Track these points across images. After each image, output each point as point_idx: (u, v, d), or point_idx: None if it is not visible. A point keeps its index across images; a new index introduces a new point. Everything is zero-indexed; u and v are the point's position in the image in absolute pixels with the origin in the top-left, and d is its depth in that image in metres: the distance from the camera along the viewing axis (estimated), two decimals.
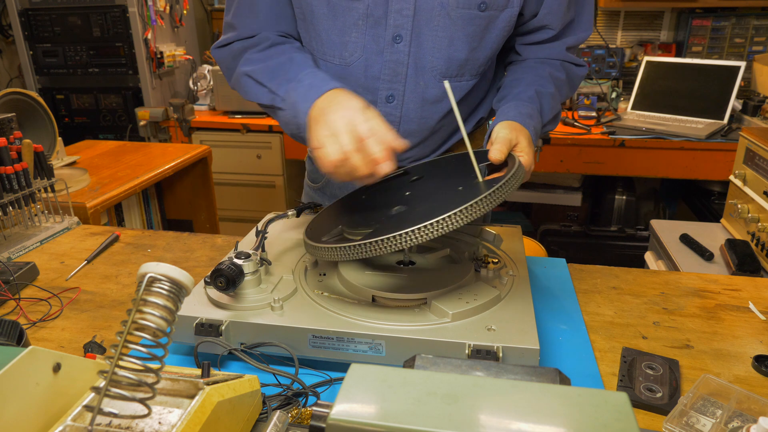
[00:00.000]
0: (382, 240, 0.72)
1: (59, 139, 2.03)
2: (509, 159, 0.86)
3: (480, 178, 0.82)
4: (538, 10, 1.05)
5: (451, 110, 1.12)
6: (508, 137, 0.88)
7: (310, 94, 0.91)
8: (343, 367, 0.74)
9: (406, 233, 0.71)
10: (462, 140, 1.23)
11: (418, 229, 0.71)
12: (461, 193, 0.79)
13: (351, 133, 0.81)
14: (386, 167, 0.80)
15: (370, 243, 0.73)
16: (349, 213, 0.94)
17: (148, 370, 0.52)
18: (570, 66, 1.13)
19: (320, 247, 0.81)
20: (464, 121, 1.19)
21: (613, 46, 2.99)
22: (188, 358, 0.84)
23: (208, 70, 3.07)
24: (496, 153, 0.86)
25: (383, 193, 0.98)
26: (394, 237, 0.72)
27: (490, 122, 1.05)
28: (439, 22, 1.00)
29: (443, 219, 0.71)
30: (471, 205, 0.72)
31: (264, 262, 0.88)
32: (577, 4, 1.07)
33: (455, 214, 0.71)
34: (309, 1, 1.01)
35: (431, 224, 0.71)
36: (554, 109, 1.07)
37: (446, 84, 0.85)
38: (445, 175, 0.91)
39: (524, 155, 0.89)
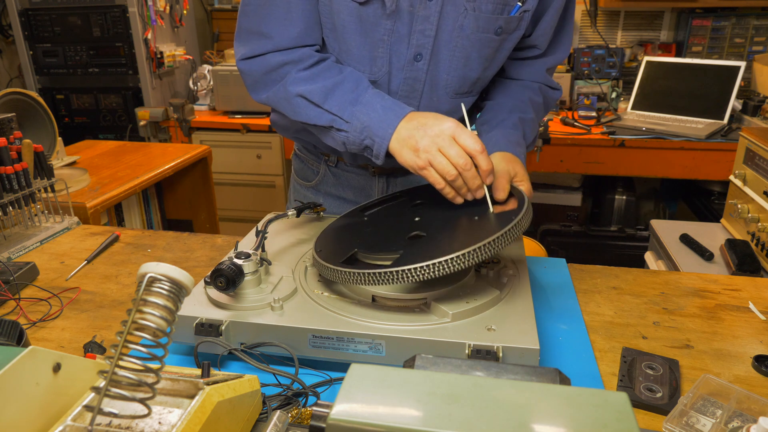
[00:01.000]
0: (418, 268, 0.74)
1: (59, 139, 2.03)
2: (512, 189, 0.93)
3: (491, 208, 0.88)
4: (532, 31, 1.10)
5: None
6: (506, 170, 0.94)
7: (389, 119, 0.93)
8: (343, 367, 0.74)
9: (443, 261, 0.73)
10: None
11: (452, 259, 0.73)
12: (480, 223, 0.84)
13: (458, 149, 0.86)
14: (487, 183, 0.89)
15: (405, 270, 0.74)
16: (359, 235, 0.93)
17: (148, 370, 0.52)
18: (547, 89, 1.19)
19: (346, 271, 0.79)
20: None
21: (613, 46, 2.99)
22: (188, 358, 0.84)
23: (208, 70, 3.07)
24: (501, 193, 0.91)
25: (385, 215, 1.00)
26: (429, 266, 0.74)
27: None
28: (458, 44, 1.03)
29: (477, 249, 0.74)
30: (502, 236, 0.76)
31: (264, 262, 0.88)
32: (558, 26, 1.12)
33: (488, 244, 0.75)
34: (342, 16, 1.01)
35: (464, 254, 0.74)
36: (534, 132, 1.13)
37: (462, 106, 0.93)
38: (447, 201, 0.93)
39: (524, 183, 0.96)
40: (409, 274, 0.74)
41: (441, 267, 0.74)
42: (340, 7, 1.00)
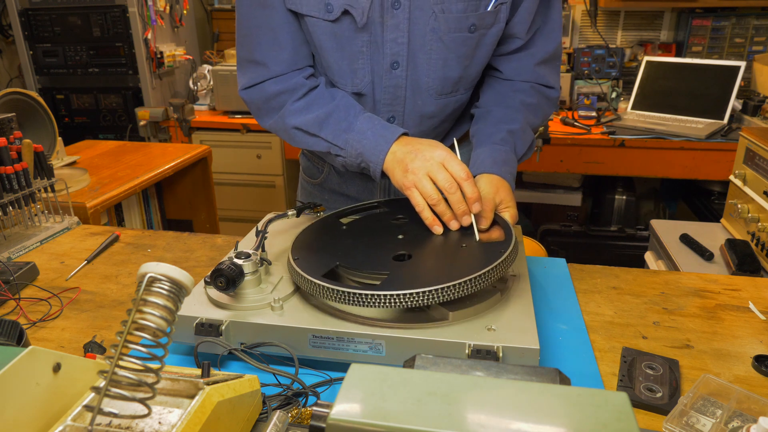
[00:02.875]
0: (407, 294, 0.73)
1: (59, 139, 2.03)
2: (497, 217, 0.93)
3: (477, 237, 0.88)
4: (511, 19, 1.06)
5: (444, 121, 1.16)
6: (491, 198, 0.94)
7: (380, 145, 0.97)
8: (343, 367, 0.74)
9: (434, 290, 0.73)
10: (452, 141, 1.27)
11: (444, 288, 0.74)
12: (467, 252, 0.85)
13: (446, 174, 0.89)
14: (473, 213, 0.90)
15: (393, 295, 0.74)
16: (340, 247, 0.91)
17: (148, 370, 0.52)
18: (541, 88, 1.14)
19: (328, 288, 0.77)
20: (453, 130, 1.23)
21: (613, 46, 2.99)
22: (188, 358, 0.84)
23: (208, 70, 3.07)
24: (483, 221, 0.92)
25: (365, 227, 0.98)
26: (418, 293, 0.73)
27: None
28: (433, 47, 1.03)
29: (469, 280, 0.75)
30: (494, 268, 0.77)
31: (264, 262, 0.88)
32: (542, 15, 1.09)
33: (481, 275, 0.76)
34: (318, 35, 1.03)
35: (457, 284, 0.74)
36: (527, 142, 1.10)
37: (455, 142, 0.98)
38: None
39: (509, 209, 0.97)
40: (396, 300, 0.74)
41: (430, 296, 0.73)
42: (314, 27, 1.03)
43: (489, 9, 1.00)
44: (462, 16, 1.00)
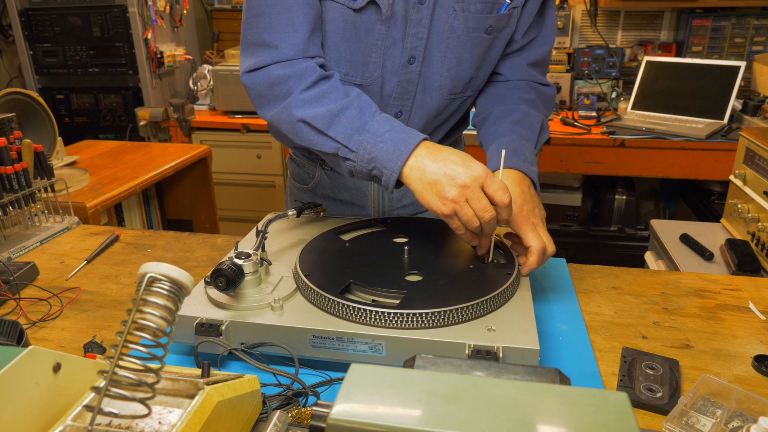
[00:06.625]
0: (428, 313, 0.76)
1: (59, 139, 2.03)
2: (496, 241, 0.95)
3: (489, 258, 0.91)
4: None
5: (447, 120, 1.16)
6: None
7: (399, 150, 0.88)
8: (343, 367, 0.74)
9: (451, 311, 0.77)
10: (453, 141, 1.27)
11: (461, 308, 0.77)
12: (476, 273, 0.88)
13: (486, 202, 0.83)
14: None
15: (415, 314, 0.76)
16: (349, 264, 0.91)
17: (148, 370, 0.52)
18: (536, 86, 1.13)
19: (351, 306, 0.78)
20: (454, 131, 1.23)
21: (613, 46, 2.99)
22: (188, 358, 0.84)
23: (208, 70, 3.07)
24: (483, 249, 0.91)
25: (370, 245, 0.98)
26: (439, 312, 0.76)
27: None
28: (449, 45, 1.03)
29: (482, 302, 0.78)
30: (504, 290, 0.81)
31: (264, 262, 0.88)
32: (538, 23, 1.10)
33: (491, 298, 0.79)
34: (336, 23, 1.00)
35: (472, 306, 0.77)
36: (535, 126, 1.05)
37: (503, 153, 0.91)
38: (434, 241, 0.96)
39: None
40: (418, 318, 0.76)
41: (449, 315, 0.76)
42: (334, 14, 0.99)
43: (502, 12, 1.01)
44: (481, 16, 1.00)
